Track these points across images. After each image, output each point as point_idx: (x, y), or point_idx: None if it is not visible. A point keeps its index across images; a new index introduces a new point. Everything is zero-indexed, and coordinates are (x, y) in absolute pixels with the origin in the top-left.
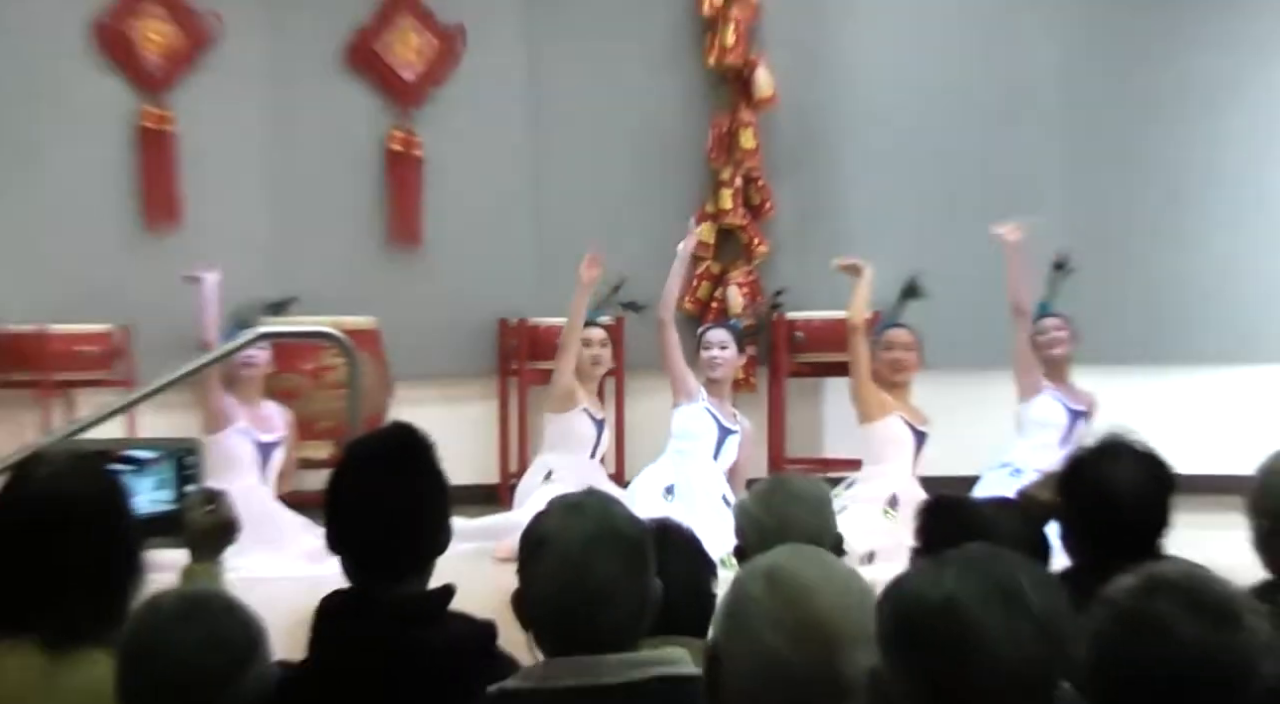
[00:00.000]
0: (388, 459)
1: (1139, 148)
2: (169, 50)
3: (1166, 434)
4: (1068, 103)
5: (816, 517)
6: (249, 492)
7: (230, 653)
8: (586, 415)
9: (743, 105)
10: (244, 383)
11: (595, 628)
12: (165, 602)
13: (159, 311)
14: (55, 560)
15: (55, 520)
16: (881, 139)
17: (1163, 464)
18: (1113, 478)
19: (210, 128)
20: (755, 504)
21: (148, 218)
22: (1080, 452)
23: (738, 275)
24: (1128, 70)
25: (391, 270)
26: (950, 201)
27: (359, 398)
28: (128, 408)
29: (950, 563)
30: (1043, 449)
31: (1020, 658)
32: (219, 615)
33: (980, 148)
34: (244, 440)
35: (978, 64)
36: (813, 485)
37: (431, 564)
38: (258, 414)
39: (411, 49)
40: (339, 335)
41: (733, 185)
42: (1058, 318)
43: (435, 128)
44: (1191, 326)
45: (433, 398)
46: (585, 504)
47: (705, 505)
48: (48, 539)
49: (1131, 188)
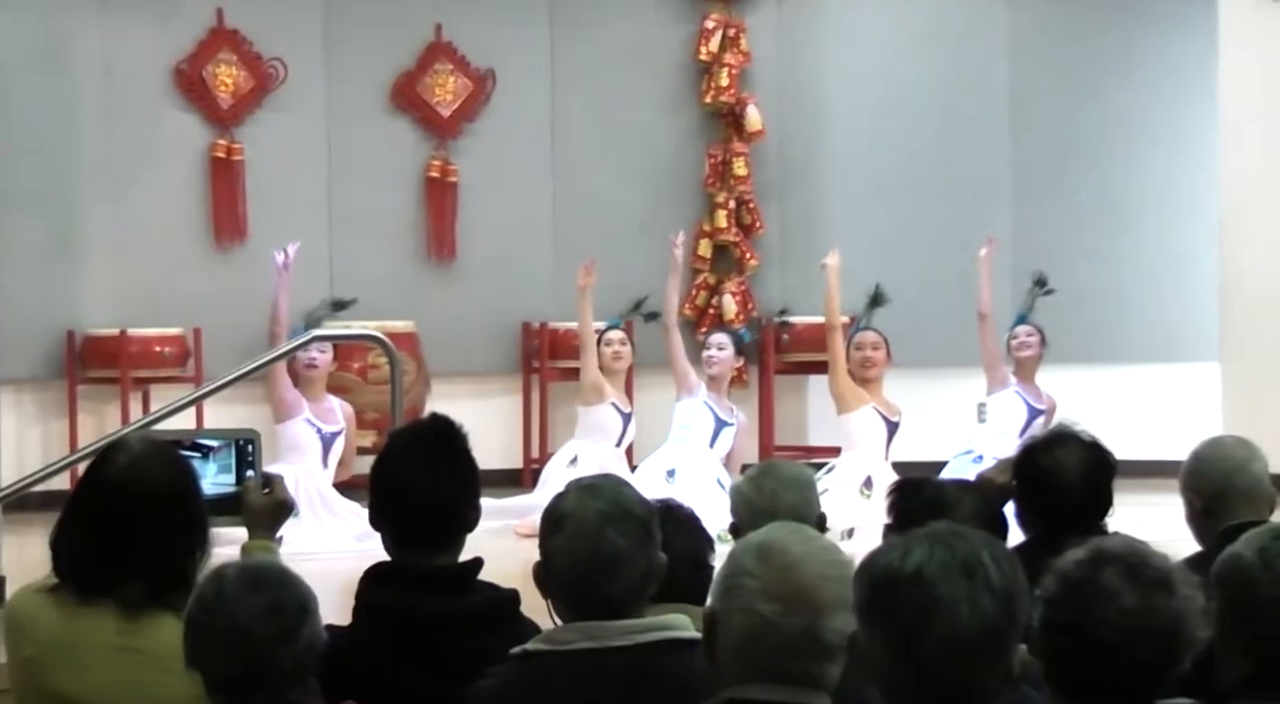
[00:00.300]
0: (426, 446)
1: (1076, 174)
2: (238, 91)
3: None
4: (1016, 137)
5: (801, 496)
6: (309, 475)
7: (286, 618)
8: (614, 408)
9: (735, 138)
10: (309, 381)
11: (606, 595)
12: (229, 572)
13: (225, 318)
14: (132, 535)
15: (133, 500)
16: (855, 167)
17: (1105, 451)
18: (1061, 463)
19: (273, 158)
20: (747, 485)
21: (217, 236)
22: (1032, 440)
23: (731, 285)
24: (1067, 109)
25: (429, 280)
26: (915, 221)
27: (400, 393)
28: (196, 401)
29: (920, 539)
30: (1003, 438)
31: (980, 624)
32: (277, 585)
33: (940, 175)
34: (309, 429)
35: (937, 103)
36: (798, 469)
37: (463, 540)
38: (322, 407)
39: (448, 90)
40: (383, 337)
41: (727, 207)
42: (1031, 326)
43: (469, 157)
44: (1124, 329)
45: (465, 392)
46: (600, 486)
47: (702, 487)
48: (126, 516)
49: (1069, 209)
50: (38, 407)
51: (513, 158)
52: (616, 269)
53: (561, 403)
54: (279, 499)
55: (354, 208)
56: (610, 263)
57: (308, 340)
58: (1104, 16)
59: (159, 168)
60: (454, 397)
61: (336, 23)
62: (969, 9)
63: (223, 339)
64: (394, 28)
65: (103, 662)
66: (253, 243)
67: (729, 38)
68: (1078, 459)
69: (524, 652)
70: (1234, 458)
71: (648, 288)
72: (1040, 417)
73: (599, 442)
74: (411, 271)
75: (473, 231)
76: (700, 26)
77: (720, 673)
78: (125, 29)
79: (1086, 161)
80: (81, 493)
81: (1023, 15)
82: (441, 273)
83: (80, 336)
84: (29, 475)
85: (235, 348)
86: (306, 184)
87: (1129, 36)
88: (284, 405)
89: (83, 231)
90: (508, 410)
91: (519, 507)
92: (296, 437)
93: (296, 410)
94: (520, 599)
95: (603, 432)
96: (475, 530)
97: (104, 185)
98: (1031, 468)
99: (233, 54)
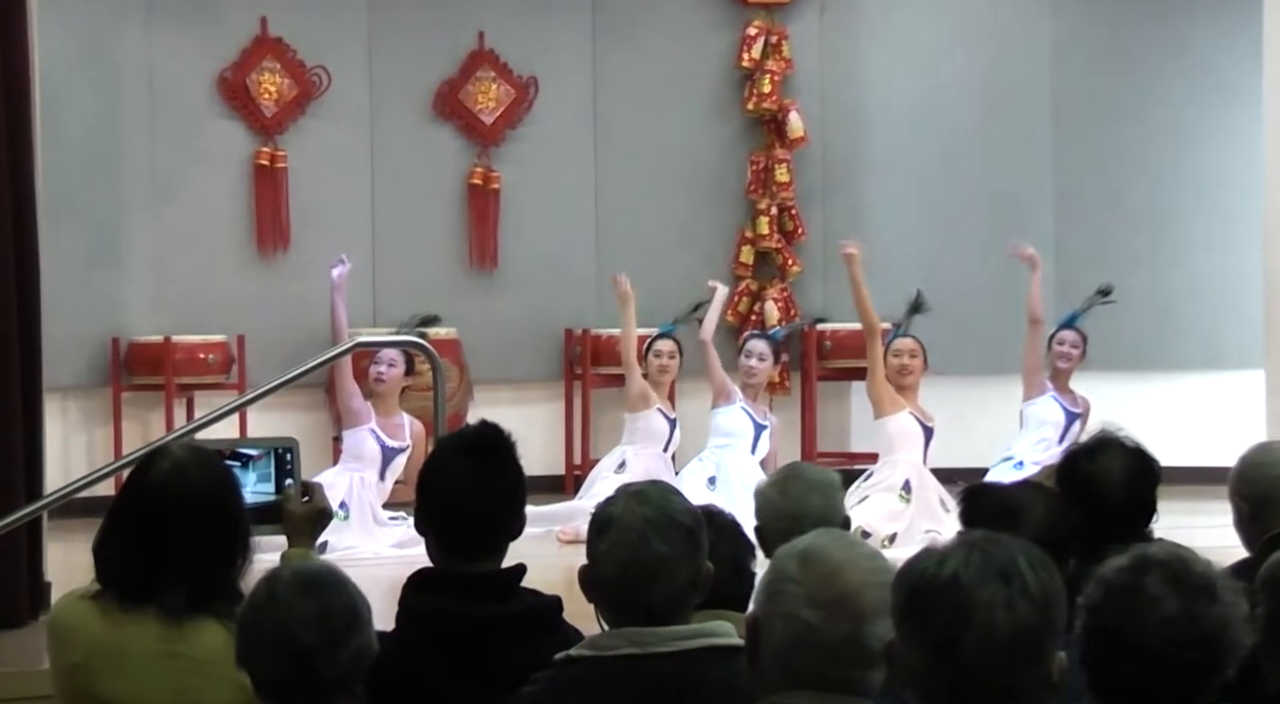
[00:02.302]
0: (475, 454)
1: (1119, 179)
2: (282, 99)
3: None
4: (1058, 142)
5: (826, 500)
6: (363, 484)
7: (334, 625)
8: (660, 415)
9: (777, 145)
10: (378, 396)
11: (648, 602)
12: (284, 574)
13: (268, 325)
14: (174, 541)
15: (176, 507)
16: (897, 173)
17: (1149, 456)
18: (1105, 469)
19: (317, 166)
20: (771, 489)
21: (260, 244)
22: (1076, 446)
23: (773, 292)
24: (1110, 113)
25: (471, 288)
26: (957, 228)
27: (443, 399)
28: (239, 408)
29: (957, 546)
30: (1041, 444)
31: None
32: (329, 591)
33: (982, 181)
34: (371, 439)
35: (979, 108)
36: (822, 473)
37: (506, 546)
38: (390, 422)
39: (491, 97)
40: (426, 345)
41: (769, 214)
42: (1077, 334)
43: (511, 165)
44: (1168, 336)
45: (507, 399)
46: (647, 492)
47: (744, 494)
48: (168, 522)
49: (1113, 215)
50: (83, 414)
51: (555, 165)
52: (658, 276)
53: (604, 409)
54: (318, 507)
55: (397, 215)
56: (652, 270)
57: (351, 347)
58: (1148, 21)
59: (203, 175)
60: (496, 403)
61: (379, 31)
62: (1012, 14)
63: (266, 346)
64: (437, 35)
65: (146, 668)
66: (296, 250)
67: (771, 44)
68: (1121, 465)
69: (567, 657)
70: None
71: (689, 295)
72: (1077, 421)
73: (645, 448)
74: (454, 278)
75: (515, 238)
76: (742, 33)
77: (763, 680)
78: (169, 37)
79: (1130, 167)
80: (124, 499)
81: (1066, 20)
82: (484, 279)
83: (125, 343)
84: (73, 482)
85: (278, 355)
86: (349, 191)
87: (1173, 41)
88: (349, 414)
89: (127, 239)
90: (550, 417)
91: (561, 513)
92: (359, 445)
93: (362, 420)
94: (563, 606)
95: (650, 437)
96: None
97: (148, 193)
98: (1075, 474)
99: (276, 62)
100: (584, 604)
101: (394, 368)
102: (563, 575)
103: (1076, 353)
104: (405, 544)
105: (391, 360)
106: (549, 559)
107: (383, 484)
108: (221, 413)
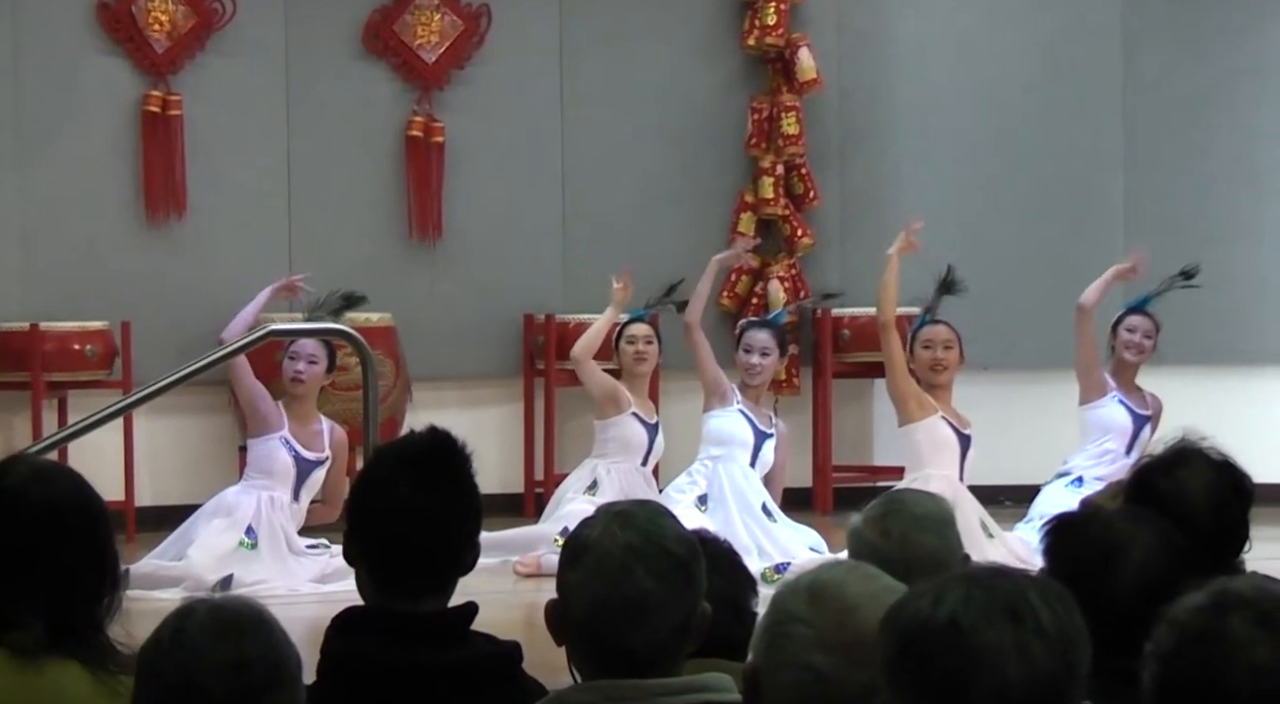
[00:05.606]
0: (422, 467)
1: (1202, 133)
2: (176, 31)
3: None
4: (1129, 87)
5: (940, 538)
6: (274, 504)
7: (250, 679)
8: (636, 420)
9: (784, 88)
10: (293, 397)
11: (629, 647)
12: (198, 610)
13: (160, 310)
14: (31, 564)
15: (34, 521)
16: (936, 126)
17: (1238, 472)
18: (1184, 486)
19: (218, 113)
20: (870, 529)
21: (149, 209)
22: (1149, 459)
23: (779, 269)
24: (1191, 54)
25: (409, 264)
26: (1006, 192)
27: (375, 401)
28: (124, 411)
29: (954, 583)
30: (1105, 457)
31: (1032, 676)
32: (249, 636)
33: (1039, 139)
34: (283, 450)
35: (1034, 47)
36: (932, 503)
37: (455, 581)
38: (307, 430)
39: (433, 30)
40: (353, 333)
41: (774, 173)
42: (1150, 321)
43: (458, 112)
44: (1259, 324)
45: (453, 400)
46: (633, 514)
47: (743, 516)
48: (20, 546)
49: (1194, 177)
50: None
51: (512, 113)
52: (639, 250)
53: (572, 413)
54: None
55: (318, 174)
56: (631, 242)
57: (262, 336)
58: None
59: (78, 125)
60: (441, 405)
61: None
62: None
63: (156, 336)
64: None
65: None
66: (192, 217)
67: None
68: (1204, 482)
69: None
70: None
71: (679, 271)
72: (1147, 425)
73: (620, 461)
74: (388, 253)
75: (463, 203)
76: None
77: None
78: None
79: (1215, 118)
80: None
81: None
82: (425, 253)
83: None
84: None
85: (172, 346)
86: (259, 145)
87: None
88: (256, 418)
89: None
90: (507, 422)
91: (520, 540)
92: (268, 457)
93: (272, 426)
94: (522, 653)
95: (625, 448)
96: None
97: (11, 148)
98: (1148, 493)
99: None
100: (547, 651)
101: (315, 365)
102: (522, 615)
103: (1149, 344)
104: (328, 578)
105: (312, 355)
106: (505, 596)
107: (297, 504)
108: (101, 416)
